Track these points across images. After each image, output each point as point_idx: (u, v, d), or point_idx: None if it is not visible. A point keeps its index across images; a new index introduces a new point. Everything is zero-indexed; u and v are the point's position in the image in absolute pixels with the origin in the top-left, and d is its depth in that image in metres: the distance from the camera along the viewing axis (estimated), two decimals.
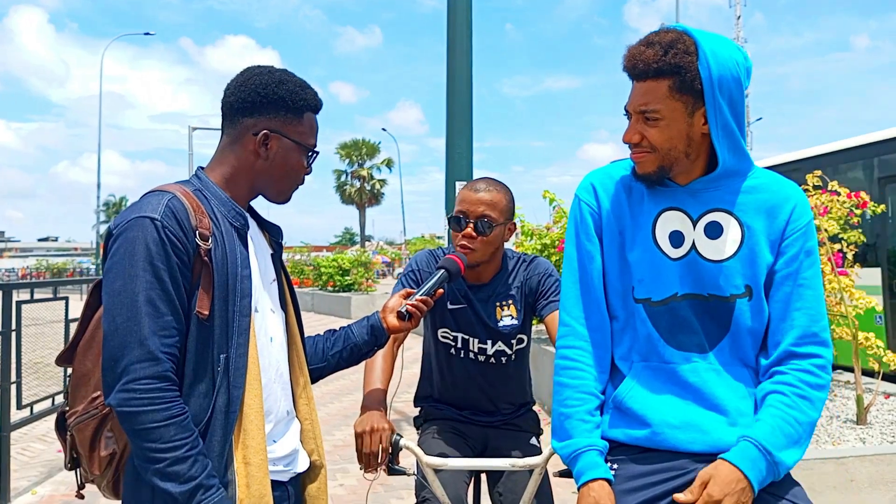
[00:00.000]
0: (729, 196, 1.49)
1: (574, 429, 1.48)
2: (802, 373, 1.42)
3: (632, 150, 1.48)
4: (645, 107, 1.42)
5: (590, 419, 1.49)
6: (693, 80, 1.39)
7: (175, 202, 1.31)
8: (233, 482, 1.31)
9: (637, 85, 1.44)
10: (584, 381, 1.52)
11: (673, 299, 1.48)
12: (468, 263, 2.04)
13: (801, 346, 1.43)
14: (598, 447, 1.46)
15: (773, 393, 1.42)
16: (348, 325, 1.74)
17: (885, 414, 4.73)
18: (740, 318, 1.46)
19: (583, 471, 1.43)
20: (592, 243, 1.56)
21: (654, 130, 1.43)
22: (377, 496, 4.13)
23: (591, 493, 1.40)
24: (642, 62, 1.40)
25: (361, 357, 1.73)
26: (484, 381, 2.20)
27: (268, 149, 1.43)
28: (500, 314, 2.15)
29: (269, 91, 1.42)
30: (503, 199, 2.08)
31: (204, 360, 1.31)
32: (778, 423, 1.38)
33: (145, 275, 1.25)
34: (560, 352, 1.57)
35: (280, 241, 1.59)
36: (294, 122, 1.45)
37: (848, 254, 5.14)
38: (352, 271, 18.28)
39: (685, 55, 1.38)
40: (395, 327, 1.71)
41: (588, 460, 1.44)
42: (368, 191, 52.55)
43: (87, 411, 1.34)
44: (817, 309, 1.45)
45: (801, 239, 1.47)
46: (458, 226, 2.05)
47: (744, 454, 1.35)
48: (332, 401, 7.01)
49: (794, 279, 1.46)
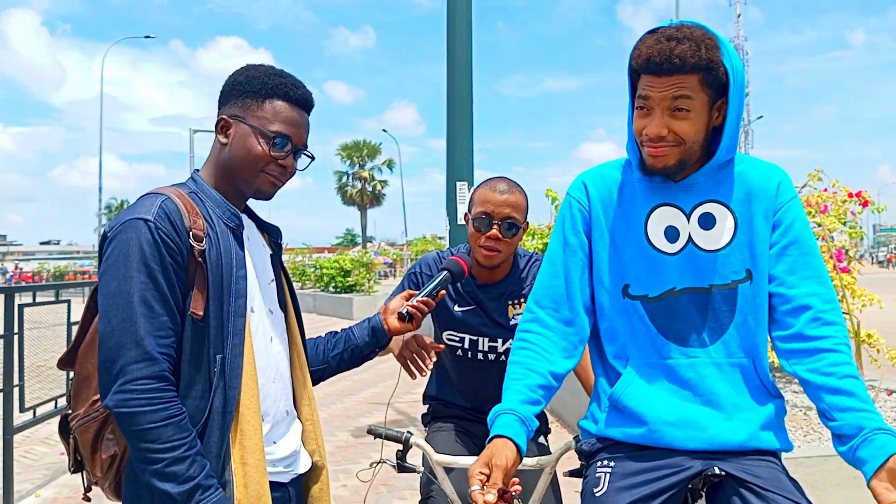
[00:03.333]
0: (718, 186, 1.51)
1: (506, 397, 1.48)
2: (840, 343, 1.42)
3: (652, 144, 1.46)
4: (679, 97, 1.42)
5: (525, 392, 1.47)
6: (721, 75, 1.42)
7: (168, 204, 1.32)
8: (230, 482, 1.31)
9: (662, 79, 1.42)
10: (533, 360, 1.52)
11: (670, 294, 1.49)
12: (490, 266, 2.04)
13: (826, 312, 1.44)
14: (518, 413, 1.43)
15: (845, 364, 1.40)
16: (349, 326, 1.73)
17: (888, 411, 4.72)
18: (744, 303, 1.48)
19: (494, 429, 1.41)
20: (577, 237, 1.57)
21: (685, 123, 1.44)
22: (380, 496, 4.13)
23: (491, 449, 1.36)
24: (678, 57, 1.39)
25: (363, 359, 1.73)
26: (493, 380, 2.19)
27: (228, 136, 1.43)
28: (511, 312, 2.15)
29: (231, 80, 1.44)
30: (524, 199, 2.08)
31: (200, 360, 1.31)
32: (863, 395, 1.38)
33: (140, 276, 1.25)
34: (519, 334, 1.58)
35: (279, 242, 1.59)
36: (253, 106, 1.43)
37: (849, 251, 5.14)
38: (353, 272, 18.28)
39: (715, 50, 1.41)
40: (397, 329, 1.71)
41: (502, 420, 1.42)
42: (369, 192, 52.63)
43: (88, 414, 1.34)
44: (821, 273, 1.48)
45: (792, 210, 1.50)
46: (483, 227, 2.02)
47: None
48: (334, 402, 7.01)
49: (795, 247, 1.48)
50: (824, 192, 5.06)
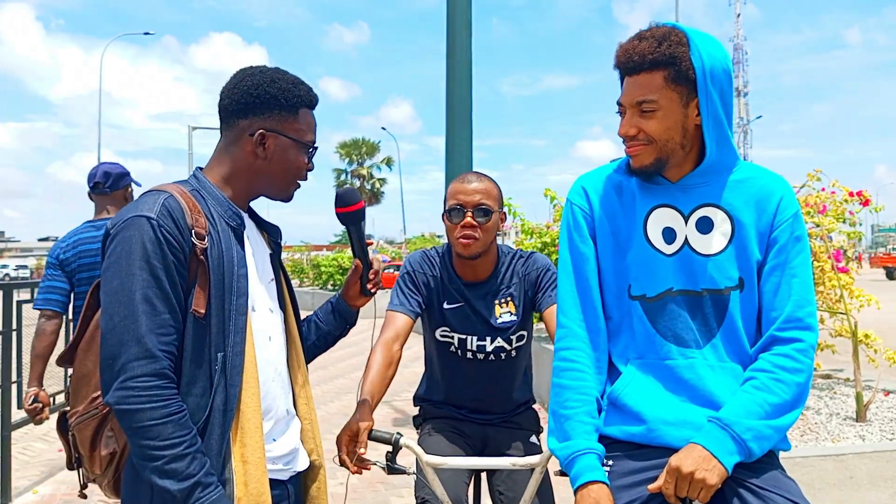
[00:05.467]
0: (717, 191, 1.51)
1: (573, 430, 1.48)
2: (780, 357, 1.44)
3: (627, 143, 1.50)
4: (642, 98, 1.44)
5: (589, 421, 1.49)
6: (687, 71, 1.42)
7: (171, 201, 1.32)
8: (230, 480, 1.31)
9: (631, 79, 1.46)
10: (584, 383, 1.52)
11: (668, 294, 1.50)
12: (470, 255, 2.06)
13: (785, 330, 1.45)
14: (596, 451, 1.46)
15: (746, 380, 1.45)
16: (314, 312, 1.74)
17: (885, 411, 4.73)
18: (734, 311, 1.48)
19: (581, 472, 1.43)
20: (587, 245, 1.57)
21: (652, 122, 1.45)
22: (377, 494, 4.14)
23: (591, 495, 1.40)
24: (637, 55, 1.43)
25: (335, 340, 1.75)
26: (484, 379, 2.20)
27: (265, 148, 1.43)
28: (498, 311, 2.15)
29: (262, 91, 1.43)
30: (494, 187, 2.12)
31: (201, 358, 1.31)
32: (744, 402, 1.40)
33: (142, 273, 1.25)
34: (559, 353, 1.57)
35: (279, 241, 1.60)
36: (289, 119, 1.45)
37: (848, 251, 5.14)
38: None
39: (679, 46, 1.42)
40: (357, 302, 1.72)
41: (587, 462, 1.44)
42: (368, 190, 52.56)
43: (87, 411, 1.35)
44: (803, 295, 1.47)
45: (789, 228, 1.50)
46: (457, 217, 2.06)
47: (708, 433, 1.38)
48: (331, 399, 7.01)
49: (782, 269, 1.48)
50: (822, 191, 5.07)
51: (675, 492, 1.35)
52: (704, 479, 1.32)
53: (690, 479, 1.33)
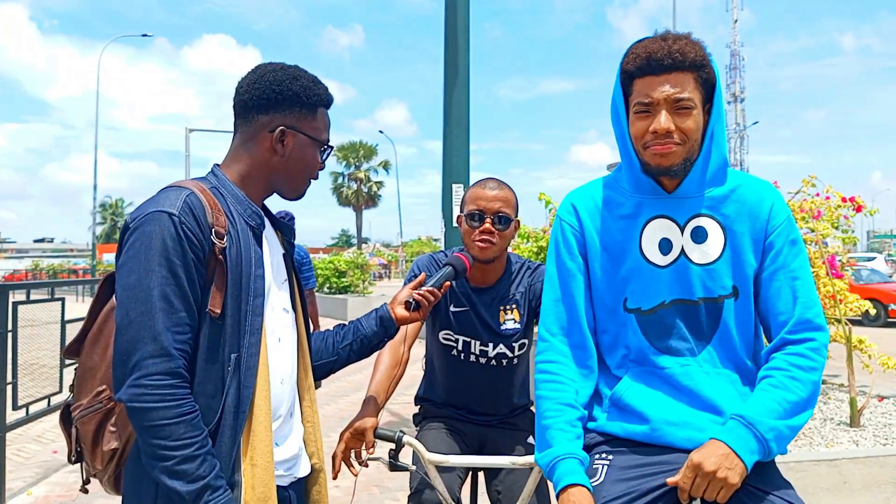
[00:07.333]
0: (710, 200, 1.52)
1: (553, 438, 1.49)
2: (794, 356, 1.45)
3: (658, 141, 1.45)
4: (680, 95, 1.44)
5: (569, 429, 1.50)
6: (708, 76, 1.46)
7: (193, 198, 1.30)
8: (239, 483, 1.30)
9: (660, 77, 1.44)
10: (562, 394, 1.53)
11: (661, 307, 1.51)
12: (485, 259, 2.09)
13: (796, 333, 1.46)
14: (577, 456, 1.46)
15: (763, 378, 1.45)
16: (357, 318, 1.74)
17: (879, 416, 4.75)
18: (728, 319, 1.50)
19: (562, 476, 1.43)
20: (575, 261, 1.59)
21: (689, 120, 1.45)
22: (372, 497, 4.14)
23: (571, 499, 1.39)
24: (678, 52, 1.42)
25: (372, 349, 1.73)
26: (485, 384, 2.21)
27: (284, 145, 1.43)
28: (503, 317, 2.17)
29: (284, 87, 1.42)
30: (513, 196, 2.16)
31: (215, 358, 1.30)
32: (764, 401, 1.40)
33: (161, 270, 1.24)
34: (539, 366, 1.59)
35: (292, 241, 1.59)
36: (309, 117, 1.45)
37: (842, 256, 5.17)
38: (348, 273, 18.26)
39: (704, 52, 1.46)
40: (404, 318, 1.73)
41: (567, 467, 1.44)
42: (365, 193, 52.63)
43: (91, 405, 1.33)
44: (808, 296, 1.49)
45: (784, 233, 1.51)
46: (477, 222, 2.08)
47: (731, 430, 1.38)
48: (328, 402, 7.01)
49: (783, 272, 1.50)
50: (816, 196, 5.09)
51: (690, 489, 1.35)
52: (726, 478, 1.32)
53: (712, 478, 1.32)
